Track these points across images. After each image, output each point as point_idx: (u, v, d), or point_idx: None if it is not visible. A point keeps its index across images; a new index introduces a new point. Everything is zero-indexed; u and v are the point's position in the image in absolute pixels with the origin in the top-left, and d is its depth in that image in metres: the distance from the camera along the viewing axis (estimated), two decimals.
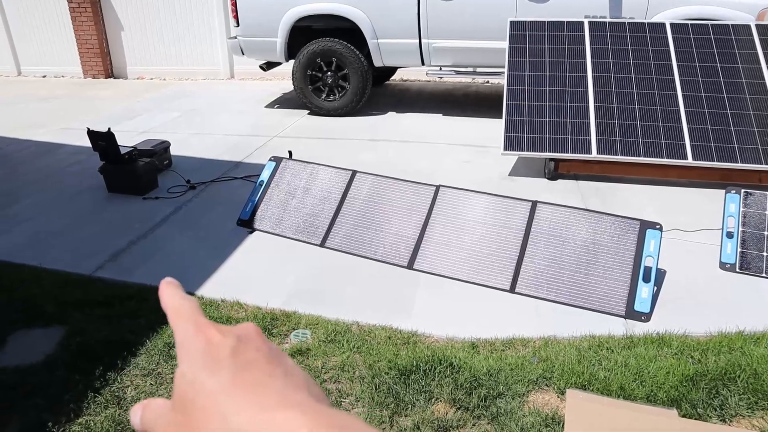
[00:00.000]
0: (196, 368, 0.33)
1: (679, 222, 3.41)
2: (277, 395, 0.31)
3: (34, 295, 2.83)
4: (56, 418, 2.06)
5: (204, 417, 0.31)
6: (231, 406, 0.31)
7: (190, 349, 0.34)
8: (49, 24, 9.10)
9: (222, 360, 0.33)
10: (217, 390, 0.32)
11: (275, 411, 0.30)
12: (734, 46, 4.27)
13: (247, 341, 0.35)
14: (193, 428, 0.31)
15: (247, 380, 0.32)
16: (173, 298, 0.37)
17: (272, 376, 0.33)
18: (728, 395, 2.09)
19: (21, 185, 4.38)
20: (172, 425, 0.33)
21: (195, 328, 0.35)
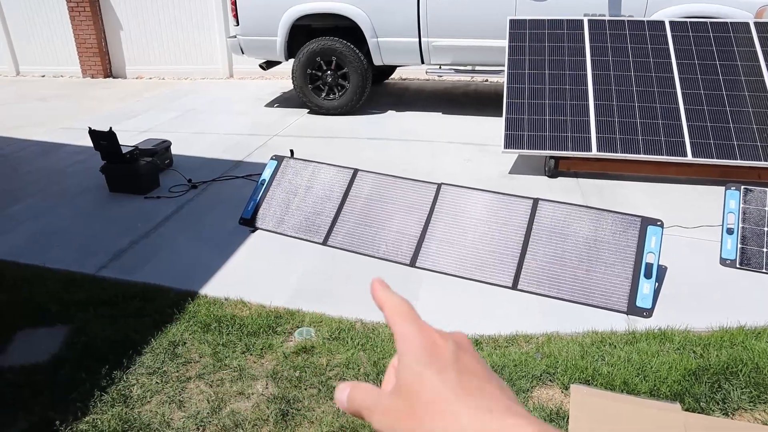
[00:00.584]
0: (422, 364, 0.36)
1: (679, 218, 3.43)
2: (501, 403, 0.34)
3: (38, 295, 2.84)
4: (63, 416, 2.07)
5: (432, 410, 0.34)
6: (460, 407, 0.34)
7: (415, 345, 0.37)
8: (47, 23, 9.09)
9: (447, 361, 0.36)
10: (444, 388, 0.35)
11: (503, 417, 0.33)
12: (733, 44, 4.29)
13: (464, 349, 0.38)
14: (418, 417, 0.35)
15: (472, 384, 0.35)
16: (391, 298, 0.40)
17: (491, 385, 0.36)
18: (730, 389, 2.10)
19: (22, 185, 4.38)
20: (393, 410, 0.36)
21: (418, 328, 0.38)
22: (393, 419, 0.36)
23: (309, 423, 2.04)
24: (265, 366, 2.33)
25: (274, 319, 2.60)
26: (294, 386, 2.20)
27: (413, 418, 0.35)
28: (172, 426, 2.04)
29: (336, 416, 2.04)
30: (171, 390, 2.21)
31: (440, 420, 0.34)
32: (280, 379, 2.24)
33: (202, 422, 2.05)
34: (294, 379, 2.24)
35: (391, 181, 3.33)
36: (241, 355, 2.38)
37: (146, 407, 2.14)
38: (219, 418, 2.06)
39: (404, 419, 0.36)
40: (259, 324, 2.55)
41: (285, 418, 2.05)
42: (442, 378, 0.35)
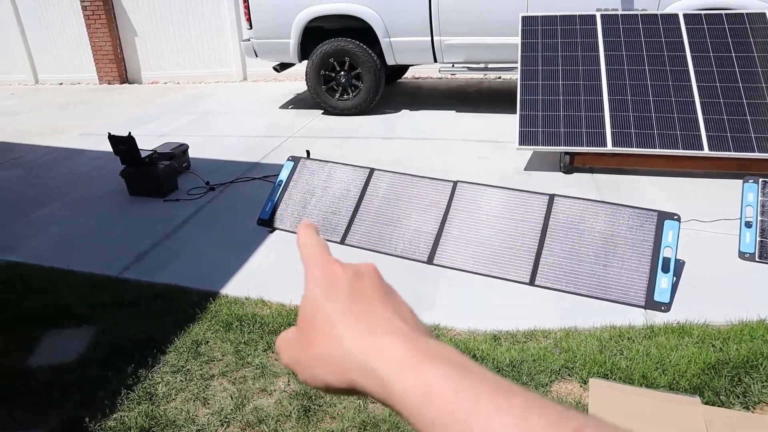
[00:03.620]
0: (318, 293, 0.38)
1: (696, 212, 3.42)
2: (384, 323, 0.35)
3: (64, 297, 2.91)
4: (92, 413, 2.13)
5: (321, 335, 0.36)
6: (344, 329, 0.36)
7: (316, 278, 0.39)
8: (64, 32, 9.25)
9: (341, 288, 0.38)
10: (333, 313, 0.37)
11: (382, 337, 0.34)
12: (749, 35, 4.26)
13: (364, 277, 0.40)
14: (310, 344, 0.37)
15: (360, 308, 0.37)
16: (306, 238, 0.42)
17: (383, 306, 0.37)
18: (751, 383, 2.10)
19: (45, 191, 4.48)
20: (293, 343, 0.39)
21: (322, 262, 0.40)
22: (293, 351, 0.39)
23: (331, 419, 2.07)
24: None
25: (294, 317, 2.63)
26: None
27: (307, 347, 0.37)
28: (197, 422, 2.09)
29: (357, 412, 2.07)
30: (195, 387, 2.26)
31: (327, 344, 0.36)
32: None
33: (227, 418, 2.10)
34: None
35: (408, 179, 3.35)
36: (263, 352, 2.43)
37: (171, 404, 2.19)
38: (243, 415, 2.10)
39: (300, 349, 0.38)
40: (280, 322, 2.59)
41: (307, 414, 2.09)
42: (333, 303, 0.37)
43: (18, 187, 4.62)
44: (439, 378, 0.31)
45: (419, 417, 0.31)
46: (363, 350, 0.34)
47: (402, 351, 0.33)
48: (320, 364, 0.36)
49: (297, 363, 0.38)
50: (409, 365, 0.32)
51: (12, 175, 4.94)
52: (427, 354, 0.33)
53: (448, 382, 0.31)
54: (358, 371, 0.34)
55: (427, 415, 0.31)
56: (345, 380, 0.35)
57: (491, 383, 0.31)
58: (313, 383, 0.37)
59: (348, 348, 0.35)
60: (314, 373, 0.37)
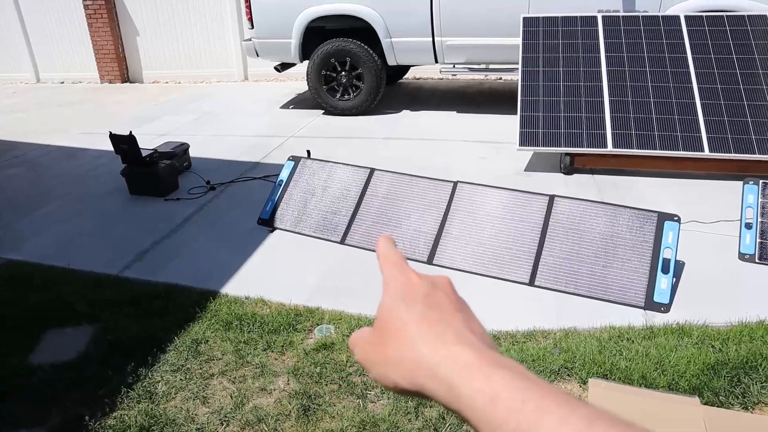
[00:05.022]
0: (394, 299, 0.41)
1: (696, 214, 3.42)
2: (455, 333, 0.38)
3: (65, 295, 2.91)
4: (92, 412, 2.14)
5: (396, 339, 0.39)
6: (418, 335, 0.38)
7: (393, 285, 0.42)
8: (66, 31, 9.26)
9: (417, 297, 0.41)
10: (409, 319, 0.39)
11: (452, 344, 0.37)
12: (750, 37, 4.26)
13: (438, 288, 0.42)
14: (385, 345, 0.40)
15: (433, 317, 0.39)
16: (386, 248, 0.46)
17: (454, 317, 0.40)
18: (750, 383, 2.11)
19: (46, 189, 4.48)
20: (368, 342, 0.42)
21: (399, 271, 0.43)
22: (367, 350, 0.41)
23: (330, 418, 2.08)
24: (286, 363, 2.38)
25: (294, 317, 2.64)
26: (315, 382, 2.24)
27: (382, 347, 0.40)
28: (196, 421, 2.10)
29: (357, 411, 2.08)
30: (195, 386, 2.26)
31: (401, 347, 0.38)
32: (301, 375, 2.28)
33: (226, 417, 2.10)
34: (315, 375, 2.28)
35: (408, 179, 3.36)
36: (263, 352, 2.43)
37: (171, 403, 2.19)
38: (242, 414, 2.11)
39: (374, 349, 0.40)
40: (280, 322, 2.60)
41: (307, 413, 2.09)
42: (409, 310, 0.40)
43: (19, 186, 4.62)
44: (507, 386, 0.33)
45: (484, 420, 0.33)
46: (434, 356, 0.37)
47: (470, 358, 0.36)
48: (393, 365, 0.39)
49: (370, 361, 0.41)
50: (478, 371, 0.35)
51: (13, 173, 4.95)
52: (496, 363, 0.35)
53: (516, 391, 0.33)
54: (428, 375, 0.36)
55: (492, 420, 0.33)
56: (414, 383, 0.37)
57: (556, 396, 0.33)
58: (383, 382, 0.39)
59: (420, 353, 0.37)
60: (386, 373, 0.39)
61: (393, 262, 0.44)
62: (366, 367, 0.41)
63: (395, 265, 0.44)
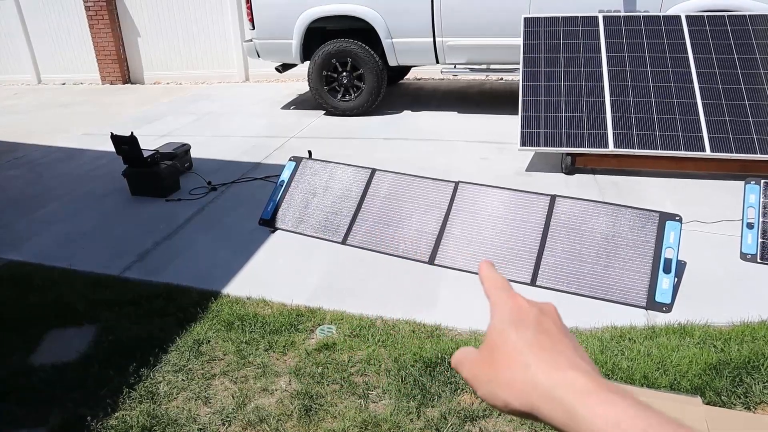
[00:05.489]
0: (505, 323, 0.43)
1: (698, 213, 3.42)
2: (568, 360, 0.39)
3: (66, 296, 2.91)
4: (94, 412, 2.14)
5: (507, 360, 0.41)
6: (531, 359, 0.40)
7: (503, 309, 0.44)
8: (67, 32, 9.27)
9: (527, 322, 0.42)
10: (521, 343, 0.41)
11: (567, 370, 0.38)
12: (751, 37, 4.26)
13: (547, 314, 0.44)
14: (495, 366, 0.41)
15: (545, 342, 0.41)
16: (490, 272, 0.48)
17: (564, 345, 0.41)
18: (752, 383, 2.10)
19: (47, 190, 4.49)
20: (477, 361, 0.43)
21: (508, 295, 0.45)
22: (476, 368, 0.43)
23: (332, 418, 2.08)
24: (288, 363, 2.38)
25: (295, 317, 2.64)
26: (316, 382, 2.24)
27: (492, 367, 0.41)
28: (198, 422, 2.10)
29: (358, 411, 2.08)
30: (197, 387, 2.26)
31: (513, 368, 0.40)
32: (303, 375, 2.28)
33: (228, 418, 2.10)
34: (316, 375, 2.28)
35: (409, 180, 3.36)
36: (264, 352, 2.43)
37: (173, 403, 2.19)
38: (244, 414, 2.11)
39: (485, 368, 0.42)
40: (281, 322, 2.60)
41: (308, 413, 2.09)
42: (521, 335, 0.41)
43: (20, 186, 4.63)
44: (628, 413, 0.35)
45: None
46: (550, 379, 0.38)
47: (587, 383, 0.37)
48: (504, 386, 0.40)
49: (479, 380, 0.42)
50: (596, 396, 0.36)
51: (15, 174, 4.96)
52: (613, 389, 0.37)
53: (638, 419, 0.34)
54: (542, 397, 0.38)
55: None
56: (526, 403, 0.39)
57: (674, 426, 0.34)
58: (492, 401, 0.41)
59: (534, 375, 0.39)
60: (495, 393, 0.40)
61: (499, 286, 0.46)
62: (474, 385, 0.43)
63: (502, 289, 0.46)
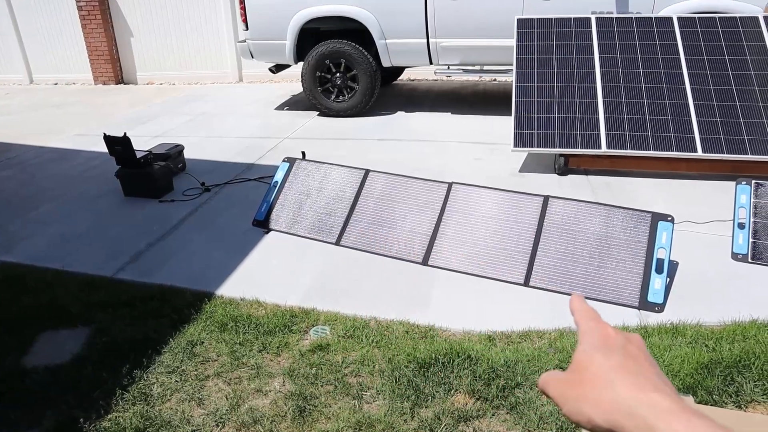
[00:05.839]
0: (593, 348, 0.47)
1: (690, 214, 3.44)
2: (652, 383, 0.43)
3: (59, 297, 2.90)
4: (87, 414, 2.13)
5: (593, 380, 0.44)
6: (616, 379, 0.43)
7: (592, 336, 0.48)
8: (59, 32, 9.22)
9: (614, 348, 0.46)
10: (607, 366, 0.45)
11: (649, 392, 0.42)
12: (742, 39, 4.29)
13: (633, 343, 0.48)
14: (582, 385, 0.45)
15: (631, 367, 0.44)
16: (581, 304, 0.52)
17: (649, 371, 0.45)
18: (743, 382, 2.12)
19: (40, 191, 4.46)
20: (564, 381, 0.47)
21: (597, 324, 0.49)
22: (564, 388, 0.46)
23: (326, 419, 2.08)
24: (282, 364, 2.38)
25: (289, 318, 2.64)
26: (310, 383, 2.24)
27: (579, 387, 0.45)
28: (192, 423, 2.09)
29: (352, 412, 2.08)
30: (190, 388, 2.26)
31: (598, 387, 0.43)
32: (297, 376, 2.28)
33: (222, 419, 2.10)
34: (310, 376, 2.28)
35: (403, 180, 3.36)
36: (258, 353, 2.43)
37: (166, 405, 2.19)
38: (238, 415, 2.11)
39: (572, 387, 0.45)
40: (275, 323, 2.60)
41: (302, 414, 2.09)
42: (608, 359, 0.45)
43: (13, 187, 4.60)
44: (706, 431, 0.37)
45: None
46: (633, 398, 0.41)
47: (669, 404, 0.40)
48: (589, 402, 0.43)
49: (566, 397, 0.45)
50: (677, 416, 0.39)
51: (7, 175, 4.93)
52: (694, 412, 0.39)
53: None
54: (625, 414, 0.41)
55: None
56: (610, 420, 0.42)
57: None
58: (576, 417, 0.44)
59: (619, 394, 0.42)
60: (580, 409, 0.44)
61: (590, 317, 0.50)
62: (560, 403, 0.46)
63: (592, 319, 0.49)
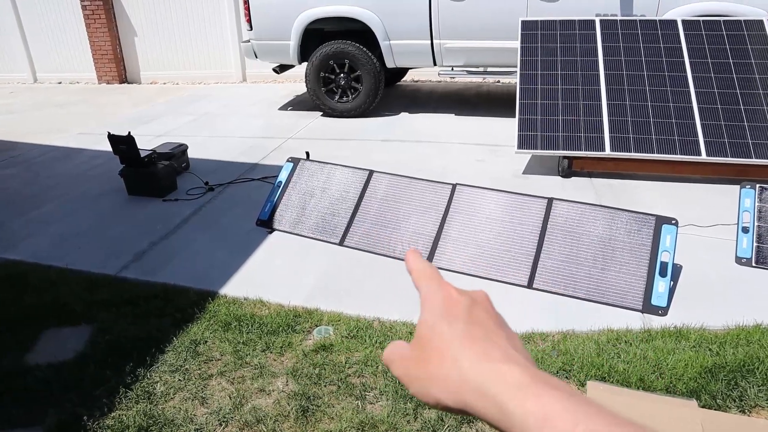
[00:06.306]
0: (435, 316, 0.40)
1: (693, 217, 3.44)
2: (501, 351, 0.37)
3: (62, 296, 2.91)
4: (90, 412, 2.13)
5: (438, 356, 0.38)
6: (462, 352, 0.38)
7: (433, 301, 0.42)
8: (63, 31, 9.24)
9: (458, 313, 0.40)
10: (451, 336, 0.39)
11: (499, 363, 0.36)
12: (747, 42, 4.29)
13: (479, 303, 0.42)
14: (426, 362, 0.39)
15: (477, 334, 0.39)
16: (418, 263, 0.45)
17: (497, 335, 0.39)
18: (747, 386, 2.11)
19: (43, 189, 4.47)
20: (407, 358, 0.41)
21: (438, 286, 0.43)
22: (407, 366, 0.40)
23: (329, 419, 2.08)
24: (285, 363, 2.38)
25: (292, 318, 2.64)
26: (314, 383, 2.24)
27: (423, 364, 0.39)
28: (195, 422, 2.09)
29: (356, 412, 2.08)
30: (193, 387, 2.26)
31: (444, 364, 0.38)
32: (300, 376, 2.28)
33: (225, 418, 2.10)
34: (314, 376, 2.28)
35: (406, 181, 3.36)
36: (261, 353, 2.43)
37: (170, 403, 2.19)
38: (241, 414, 2.11)
39: (416, 365, 0.40)
40: (278, 323, 2.60)
41: (305, 414, 2.09)
42: (452, 328, 0.39)
43: (17, 186, 4.61)
44: (559, 407, 0.33)
45: None
46: (481, 374, 0.36)
47: (520, 377, 0.35)
48: (436, 382, 0.38)
49: (411, 377, 0.40)
50: (529, 390, 0.34)
51: (11, 173, 4.94)
52: (545, 382, 0.35)
53: (568, 413, 0.33)
54: (474, 393, 0.36)
55: None
56: (459, 400, 0.37)
57: (605, 417, 0.32)
58: (424, 398, 0.39)
59: (466, 370, 0.37)
60: (428, 390, 0.38)
61: (428, 276, 0.43)
62: (405, 383, 0.41)
63: (431, 279, 0.43)
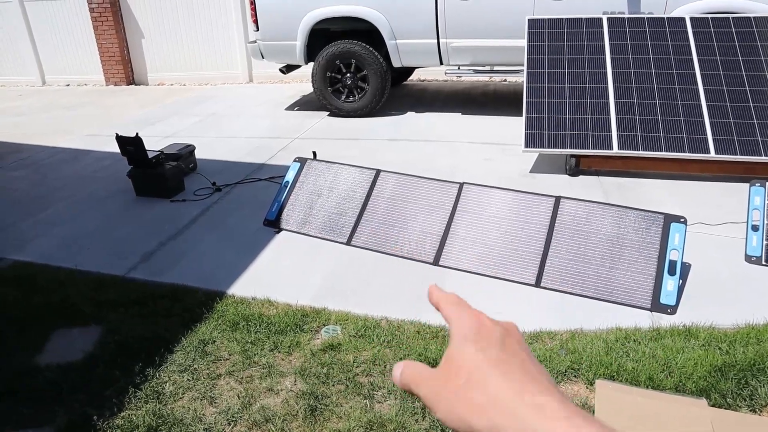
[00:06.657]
0: (469, 340, 0.40)
1: (702, 216, 3.42)
2: (537, 382, 0.37)
3: (71, 296, 2.92)
4: (100, 412, 2.14)
5: (470, 380, 0.38)
6: (497, 379, 0.37)
7: (463, 327, 0.41)
8: (71, 33, 9.30)
9: (492, 341, 0.40)
10: (485, 362, 0.38)
11: (535, 394, 0.36)
12: (756, 39, 4.25)
13: (512, 335, 0.42)
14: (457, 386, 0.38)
15: (512, 362, 0.39)
16: (441, 292, 0.46)
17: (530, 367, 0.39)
18: (757, 385, 2.10)
19: (52, 191, 4.50)
20: (436, 380, 0.40)
21: (469, 312, 0.43)
22: (436, 388, 0.40)
23: (337, 418, 2.08)
24: (293, 363, 2.38)
25: (300, 317, 2.65)
26: (322, 382, 2.24)
27: (453, 387, 0.39)
28: (204, 421, 2.10)
29: (364, 411, 2.08)
30: (202, 386, 2.27)
31: (476, 389, 0.37)
32: (308, 375, 2.28)
33: (233, 417, 2.11)
34: (322, 375, 2.28)
35: (414, 181, 3.36)
36: (270, 352, 2.43)
37: (179, 403, 2.20)
38: (249, 414, 2.11)
39: (445, 388, 0.39)
40: (286, 322, 2.60)
41: (314, 414, 2.09)
42: (485, 353, 0.39)
43: (25, 187, 4.64)
44: None
45: None
46: (517, 402, 0.36)
47: (558, 409, 0.35)
48: (465, 405, 0.37)
49: (438, 398, 0.39)
50: (566, 422, 0.34)
51: (19, 175, 4.97)
52: (581, 415, 0.35)
53: None
54: (509, 420, 0.36)
55: None
56: (492, 425, 0.36)
57: None
58: (451, 422, 0.38)
59: (501, 397, 0.37)
60: (456, 412, 0.38)
61: (456, 303, 0.44)
62: (432, 404, 0.40)
63: (460, 306, 0.43)
